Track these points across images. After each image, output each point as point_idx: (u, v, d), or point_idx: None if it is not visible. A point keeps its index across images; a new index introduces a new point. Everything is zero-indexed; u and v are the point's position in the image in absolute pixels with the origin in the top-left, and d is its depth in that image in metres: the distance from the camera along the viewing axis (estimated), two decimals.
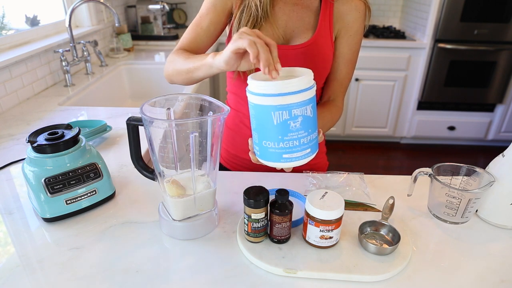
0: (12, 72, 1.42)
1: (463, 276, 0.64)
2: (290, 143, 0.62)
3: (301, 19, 0.91)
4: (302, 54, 0.89)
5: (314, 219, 0.65)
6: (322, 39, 0.90)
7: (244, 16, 0.87)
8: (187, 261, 0.66)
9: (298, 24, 0.91)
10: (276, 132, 0.61)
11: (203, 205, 0.72)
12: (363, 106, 3.07)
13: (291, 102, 0.59)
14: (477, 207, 0.76)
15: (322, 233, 0.66)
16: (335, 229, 0.66)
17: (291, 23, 0.91)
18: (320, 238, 0.66)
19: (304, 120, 0.61)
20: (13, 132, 1.18)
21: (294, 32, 0.91)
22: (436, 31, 2.75)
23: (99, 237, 0.72)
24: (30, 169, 0.74)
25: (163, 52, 2.36)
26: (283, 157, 0.64)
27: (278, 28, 0.90)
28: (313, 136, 0.64)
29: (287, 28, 0.91)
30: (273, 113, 0.60)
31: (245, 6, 0.87)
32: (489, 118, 3.07)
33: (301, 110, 0.60)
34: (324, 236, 0.66)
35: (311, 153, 0.65)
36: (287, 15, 0.90)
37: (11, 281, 0.62)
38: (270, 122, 0.61)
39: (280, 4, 0.90)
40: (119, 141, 1.11)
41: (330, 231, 0.66)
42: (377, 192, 0.87)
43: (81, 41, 1.81)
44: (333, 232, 0.66)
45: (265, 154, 0.66)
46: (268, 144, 0.63)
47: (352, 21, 0.91)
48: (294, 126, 0.61)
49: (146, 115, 0.62)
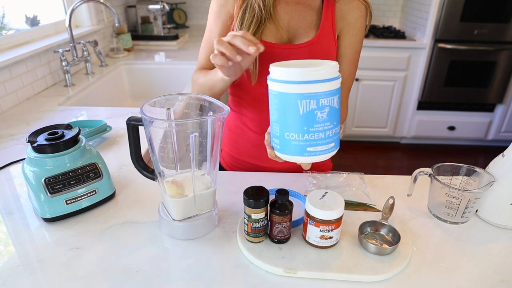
0: (12, 72, 1.42)
1: (463, 276, 0.64)
2: (315, 135, 0.59)
3: (304, 18, 0.91)
4: (306, 52, 0.89)
5: (314, 219, 0.65)
6: (325, 37, 0.91)
7: (247, 17, 0.87)
8: (187, 261, 0.66)
9: (301, 23, 0.91)
10: (301, 122, 0.58)
11: (203, 205, 0.72)
12: (363, 106, 3.07)
13: (319, 91, 0.56)
14: (477, 207, 0.76)
15: (322, 233, 0.66)
16: (335, 229, 0.66)
17: (293, 22, 0.91)
18: (320, 238, 0.66)
19: (330, 111, 0.58)
20: (13, 132, 1.18)
21: (296, 32, 0.91)
22: (436, 31, 2.75)
23: (99, 237, 0.72)
24: (30, 169, 0.74)
25: (163, 52, 2.36)
26: (307, 151, 0.60)
27: (281, 28, 0.90)
28: (337, 129, 0.62)
29: (290, 27, 0.91)
30: (300, 101, 0.57)
31: (247, 6, 0.87)
32: (489, 118, 3.07)
33: (329, 100, 0.57)
34: (324, 236, 0.66)
35: (334, 148, 0.62)
36: (289, 14, 0.90)
37: (11, 281, 0.62)
38: (295, 112, 0.58)
39: (282, 4, 0.90)
40: (119, 141, 1.11)
41: (330, 231, 0.66)
42: (377, 192, 0.87)
43: (81, 41, 1.81)
44: (333, 232, 0.66)
45: (286, 148, 0.62)
46: (292, 136, 0.60)
47: (354, 21, 0.92)
48: (321, 117, 0.58)
49: (146, 115, 0.62)
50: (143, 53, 2.33)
